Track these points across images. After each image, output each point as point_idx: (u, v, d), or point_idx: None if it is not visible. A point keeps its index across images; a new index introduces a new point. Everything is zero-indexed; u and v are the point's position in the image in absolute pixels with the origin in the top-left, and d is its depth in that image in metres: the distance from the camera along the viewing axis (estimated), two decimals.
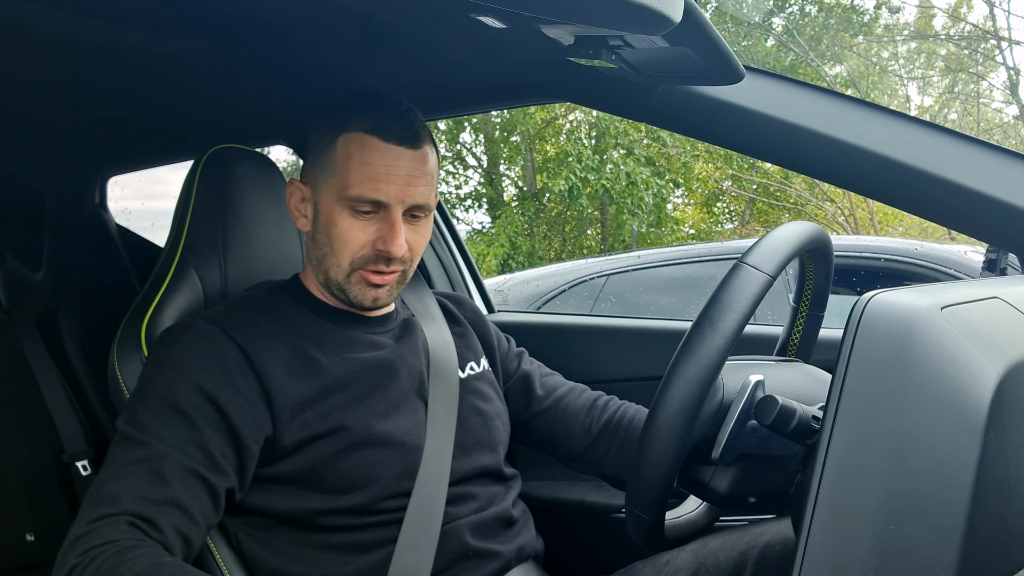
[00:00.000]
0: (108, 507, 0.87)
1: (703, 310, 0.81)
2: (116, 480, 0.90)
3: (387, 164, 1.03)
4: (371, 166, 1.03)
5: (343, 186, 1.04)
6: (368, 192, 1.03)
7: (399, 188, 1.03)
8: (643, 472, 0.81)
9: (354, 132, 1.04)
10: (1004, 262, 1.04)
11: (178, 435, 0.93)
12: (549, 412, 1.27)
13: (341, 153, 1.04)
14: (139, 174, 2.08)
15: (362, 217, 1.05)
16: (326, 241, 1.07)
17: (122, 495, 0.88)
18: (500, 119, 12.52)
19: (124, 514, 0.87)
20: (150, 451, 0.92)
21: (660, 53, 0.90)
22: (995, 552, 0.63)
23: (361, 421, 1.03)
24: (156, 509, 0.88)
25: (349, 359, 1.07)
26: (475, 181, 13.74)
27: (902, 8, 13.13)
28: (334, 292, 1.11)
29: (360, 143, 1.03)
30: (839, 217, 11.01)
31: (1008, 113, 13.00)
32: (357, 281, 1.07)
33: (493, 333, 1.32)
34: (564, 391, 1.29)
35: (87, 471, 1.77)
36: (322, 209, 1.07)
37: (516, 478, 1.20)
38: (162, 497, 0.89)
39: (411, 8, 0.91)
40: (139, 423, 0.94)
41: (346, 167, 1.03)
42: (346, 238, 1.05)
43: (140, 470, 0.90)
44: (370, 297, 1.09)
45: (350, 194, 1.03)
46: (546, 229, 12.90)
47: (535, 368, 1.32)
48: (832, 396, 0.66)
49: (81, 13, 0.99)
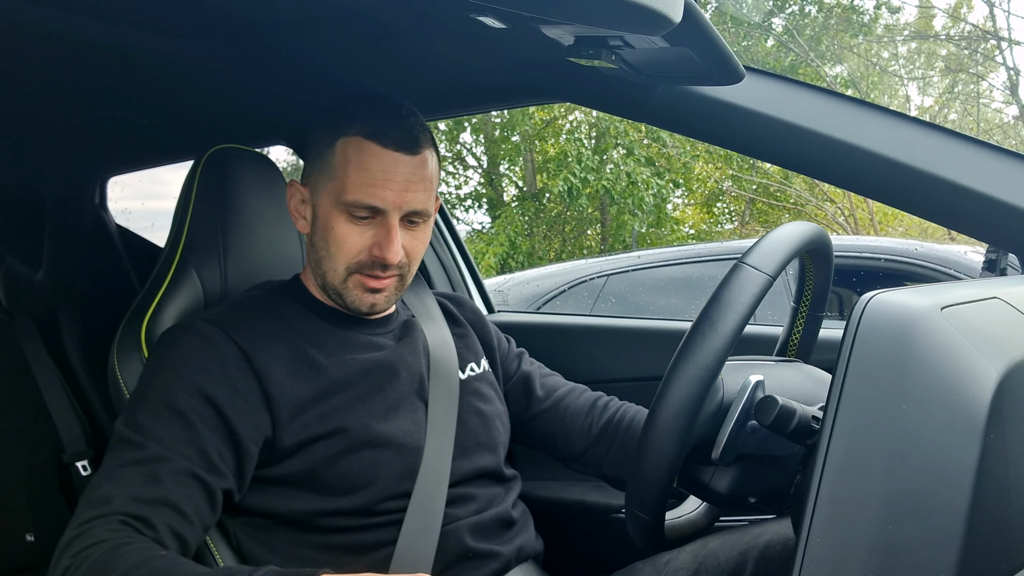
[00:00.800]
0: (100, 508, 0.87)
1: (703, 310, 0.81)
2: (110, 482, 0.90)
3: (384, 170, 1.02)
4: (368, 172, 1.02)
5: (340, 191, 1.03)
6: (365, 198, 1.02)
7: (396, 194, 1.03)
8: (643, 472, 0.81)
9: (352, 136, 1.03)
10: (1004, 262, 1.04)
11: (175, 437, 0.93)
12: (549, 413, 1.27)
13: (339, 157, 1.04)
14: (139, 174, 2.08)
15: (359, 222, 1.04)
16: (323, 245, 1.07)
17: (114, 496, 0.88)
18: (500, 119, 12.51)
19: (116, 514, 0.86)
20: (146, 453, 0.91)
21: (660, 53, 0.90)
22: (995, 552, 0.63)
23: (361, 422, 1.03)
24: (148, 508, 0.88)
25: (349, 360, 1.07)
26: (475, 181, 13.76)
27: (902, 8, 13.13)
28: (331, 296, 1.11)
29: (358, 148, 1.03)
30: (839, 217, 11.01)
31: (1008, 113, 13.01)
32: (354, 286, 1.07)
33: (493, 333, 1.32)
34: (564, 391, 1.29)
35: (87, 471, 1.77)
36: (320, 213, 1.07)
37: (516, 479, 1.20)
38: (155, 497, 0.89)
39: (411, 8, 0.90)
40: (136, 425, 0.94)
41: (344, 172, 1.03)
42: (343, 243, 1.05)
43: (135, 471, 0.90)
44: (368, 302, 1.08)
45: (347, 199, 1.03)
46: (546, 229, 12.90)
47: (535, 368, 1.32)
48: (832, 396, 0.66)
49: (81, 13, 0.99)
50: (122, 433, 0.94)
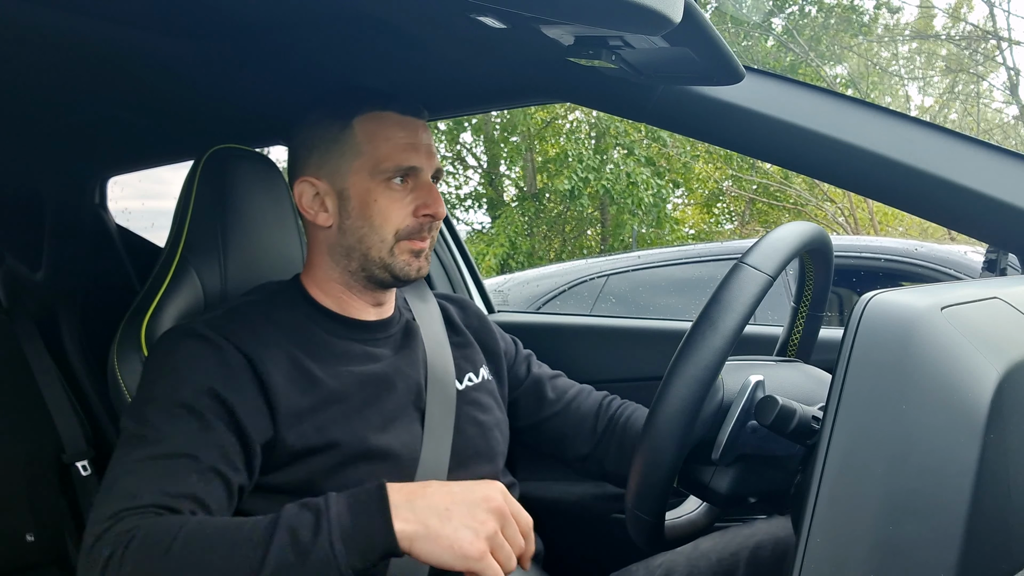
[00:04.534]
0: (128, 500, 0.85)
1: (703, 310, 0.81)
2: (132, 476, 0.88)
3: (410, 134, 1.09)
4: (397, 138, 1.08)
5: (376, 163, 1.08)
6: (404, 161, 1.08)
7: (425, 155, 1.10)
8: (643, 472, 0.81)
9: (368, 112, 1.09)
10: (1004, 262, 1.04)
11: (191, 433, 0.93)
12: (561, 415, 1.28)
13: (361, 135, 1.08)
14: (139, 174, 2.08)
15: (398, 188, 1.09)
16: (364, 222, 1.09)
17: (142, 489, 0.87)
18: (500, 119, 12.52)
19: (148, 506, 0.85)
20: (164, 449, 0.90)
21: (660, 53, 0.90)
22: (995, 552, 0.63)
23: (358, 435, 1.03)
24: (176, 501, 0.87)
25: (345, 372, 1.07)
26: (475, 181, 13.75)
27: (902, 8, 13.15)
28: (375, 271, 1.11)
29: (379, 120, 1.09)
30: (839, 217, 11.01)
31: (1008, 113, 13.01)
32: (401, 253, 1.10)
33: (499, 339, 1.32)
34: (574, 393, 1.30)
35: (87, 471, 1.77)
36: (353, 193, 1.09)
37: (514, 487, 1.21)
38: (181, 491, 0.88)
39: (411, 8, 0.91)
40: (148, 423, 0.93)
41: (373, 145, 1.08)
42: (388, 212, 1.08)
43: (156, 466, 0.89)
44: (415, 268, 1.11)
45: (386, 167, 1.07)
46: (546, 229, 12.91)
47: (544, 371, 1.33)
48: (832, 396, 0.66)
49: (81, 13, 0.99)
50: (133, 430, 0.93)
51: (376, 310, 1.16)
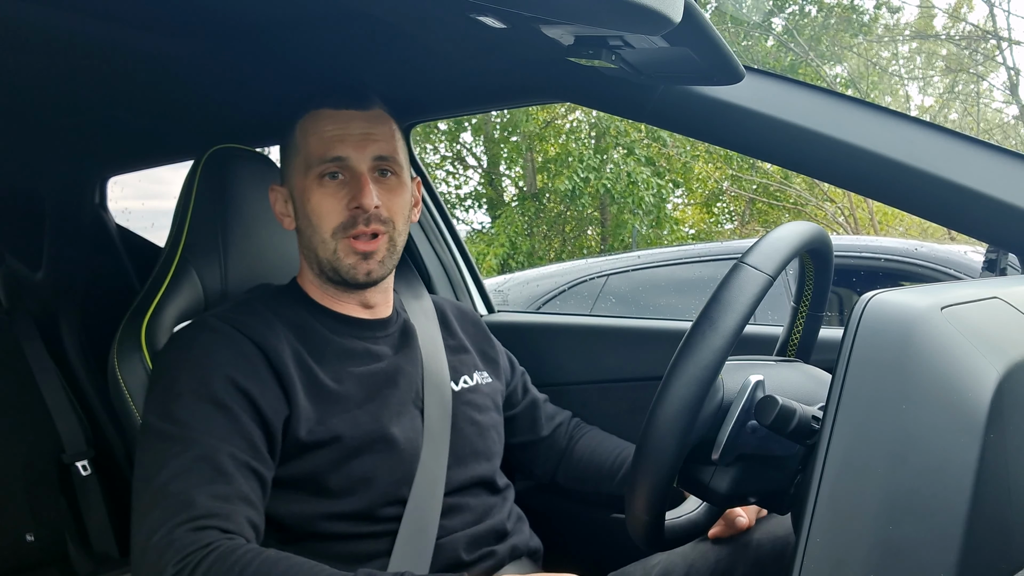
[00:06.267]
0: (186, 510, 0.86)
1: (703, 310, 0.81)
2: (179, 480, 0.88)
3: (340, 126, 1.07)
4: (326, 132, 1.07)
5: (306, 159, 1.07)
6: (327, 152, 1.06)
7: (356, 144, 1.06)
8: (643, 472, 0.81)
9: (307, 112, 1.09)
10: (1004, 262, 1.04)
11: (223, 428, 0.93)
12: (547, 440, 1.34)
13: (299, 135, 1.09)
14: (139, 174, 2.08)
15: (331, 183, 1.07)
16: (307, 222, 1.09)
17: (195, 496, 0.87)
18: (500, 119, 12.52)
19: (203, 516, 0.85)
20: (202, 449, 0.91)
21: (660, 53, 0.90)
22: (995, 552, 0.63)
23: (362, 429, 1.03)
24: (229, 505, 0.88)
25: (348, 369, 1.08)
26: (475, 181, 13.75)
27: (902, 8, 13.14)
28: (327, 273, 1.10)
29: (314, 118, 1.08)
30: (839, 217, 11.00)
31: (1008, 113, 13.01)
32: (345, 253, 1.08)
33: (499, 351, 1.34)
34: (560, 420, 1.37)
35: (87, 471, 1.78)
36: (296, 194, 1.10)
37: (509, 488, 1.22)
38: (231, 492, 0.89)
39: (411, 8, 0.90)
40: (177, 419, 0.93)
41: (305, 143, 1.08)
42: (320, 208, 1.07)
43: (201, 467, 0.89)
44: (363, 271, 1.08)
45: (312, 160, 1.07)
46: (546, 229, 12.90)
47: (537, 394, 1.38)
48: (832, 396, 0.66)
49: (81, 13, 0.99)
50: (160, 428, 0.93)
51: (368, 311, 1.16)
